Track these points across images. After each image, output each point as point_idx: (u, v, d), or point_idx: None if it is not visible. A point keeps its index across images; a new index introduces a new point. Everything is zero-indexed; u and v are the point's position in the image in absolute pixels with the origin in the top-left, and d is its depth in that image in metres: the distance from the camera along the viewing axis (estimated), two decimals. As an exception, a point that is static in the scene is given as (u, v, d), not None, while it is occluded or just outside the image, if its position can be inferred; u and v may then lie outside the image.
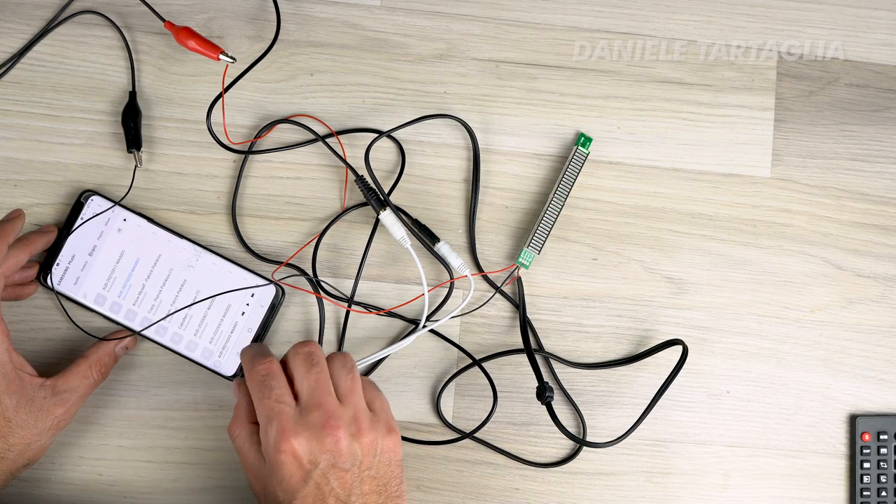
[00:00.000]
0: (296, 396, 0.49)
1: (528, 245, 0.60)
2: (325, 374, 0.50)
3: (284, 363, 0.51)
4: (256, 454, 0.49)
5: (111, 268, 0.59)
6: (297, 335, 0.61)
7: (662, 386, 0.59)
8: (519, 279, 0.61)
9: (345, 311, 0.61)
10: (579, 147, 0.61)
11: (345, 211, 0.61)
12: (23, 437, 0.53)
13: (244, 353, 0.52)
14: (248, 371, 0.50)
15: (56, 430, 0.55)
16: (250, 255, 0.60)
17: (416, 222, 0.61)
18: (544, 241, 0.60)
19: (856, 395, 0.63)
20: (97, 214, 0.59)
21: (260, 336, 0.59)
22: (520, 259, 0.61)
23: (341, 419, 0.48)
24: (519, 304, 0.61)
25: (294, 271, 0.60)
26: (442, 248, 0.60)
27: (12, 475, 0.54)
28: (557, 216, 0.60)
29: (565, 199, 0.61)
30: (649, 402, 0.59)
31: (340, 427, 0.48)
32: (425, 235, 0.60)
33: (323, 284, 0.60)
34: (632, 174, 0.63)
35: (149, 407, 0.60)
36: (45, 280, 0.59)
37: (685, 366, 0.59)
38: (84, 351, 0.57)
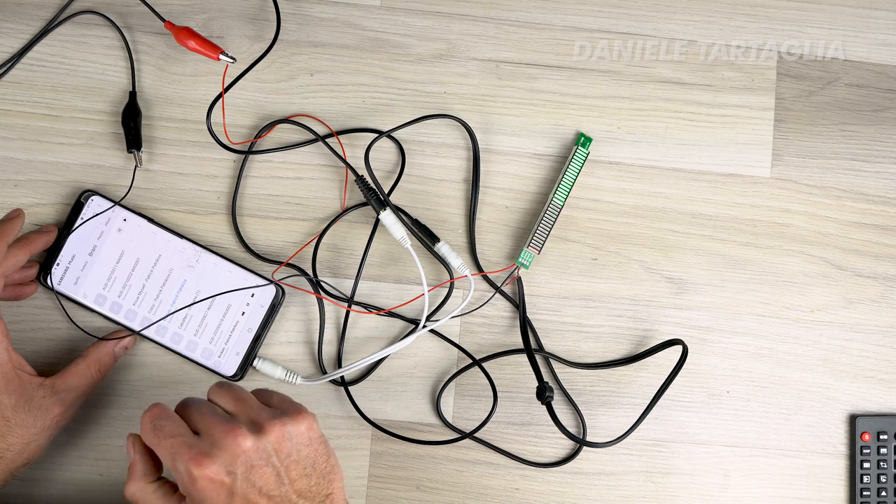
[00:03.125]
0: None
1: (528, 245, 0.60)
2: (207, 404, 0.49)
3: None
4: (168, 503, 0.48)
5: (111, 268, 0.59)
6: (298, 335, 0.61)
7: (662, 386, 0.59)
8: (519, 279, 0.61)
9: (345, 310, 0.61)
10: (579, 147, 0.61)
11: (345, 211, 0.61)
12: (21, 436, 0.53)
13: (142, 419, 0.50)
14: (142, 425, 0.48)
15: (55, 430, 0.55)
16: (250, 255, 0.60)
17: (416, 222, 0.61)
18: (544, 241, 0.60)
19: (856, 395, 0.63)
20: (97, 214, 0.59)
21: (260, 336, 0.59)
22: (520, 259, 0.61)
23: (239, 425, 0.47)
24: (519, 304, 0.61)
25: (294, 271, 0.60)
26: (442, 248, 0.60)
27: (11, 474, 0.54)
28: (557, 216, 0.60)
29: (565, 199, 0.61)
30: (649, 402, 0.59)
31: (240, 431, 0.46)
32: (425, 235, 0.60)
33: (323, 284, 0.60)
34: (632, 174, 0.63)
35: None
36: (46, 280, 0.59)
37: (685, 366, 0.59)
38: (83, 351, 0.57)
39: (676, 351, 0.60)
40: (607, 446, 0.59)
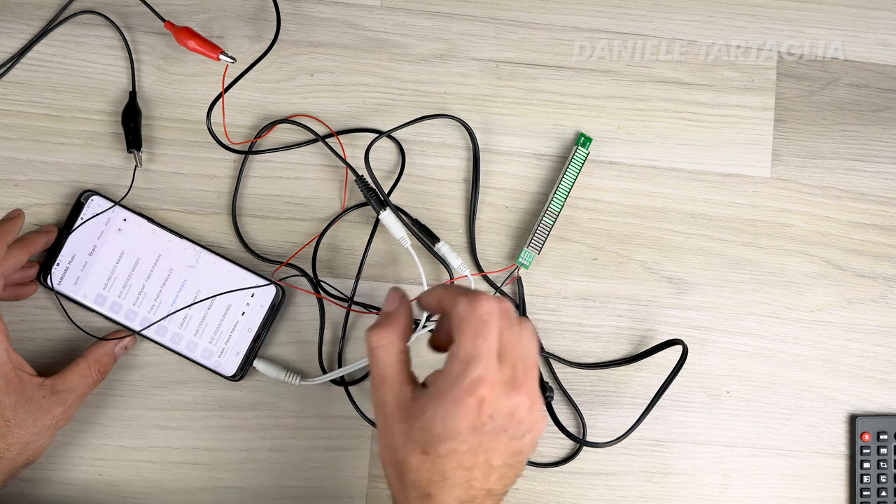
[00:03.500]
0: None
1: (528, 245, 0.60)
2: (518, 336, 0.47)
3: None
4: (399, 371, 0.46)
5: (111, 268, 0.59)
6: (298, 335, 0.61)
7: (662, 386, 0.59)
8: (519, 279, 0.61)
9: (345, 310, 0.61)
10: (579, 147, 0.61)
11: (345, 211, 0.61)
12: (21, 436, 0.53)
13: (446, 286, 0.48)
14: (470, 300, 0.45)
15: (55, 430, 0.55)
16: (250, 255, 0.60)
17: (416, 222, 0.61)
18: (544, 241, 0.60)
19: (856, 395, 0.63)
20: (97, 214, 0.59)
21: (260, 336, 0.59)
22: (520, 259, 0.61)
23: (527, 387, 0.46)
24: (519, 304, 0.61)
25: (294, 271, 0.60)
26: (442, 248, 0.60)
27: (11, 475, 0.54)
28: (557, 216, 0.60)
29: (565, 199, 0.61)
30: (649, 402, 0.59)
31: (525, 394, 0.45)
32: (425, 235, 0.60)
33: (323, 284, 0.60)
34: (632, 174, 0.63)
35: (149, 407, 0.60)
36: (46, 280, 0.59)
37: (685, 366, 0.59)
38: (83, 351, 0.57)
39: (676, 351, 0.60)
40: (607, 446, 0.59)
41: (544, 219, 0.60)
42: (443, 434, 0.44)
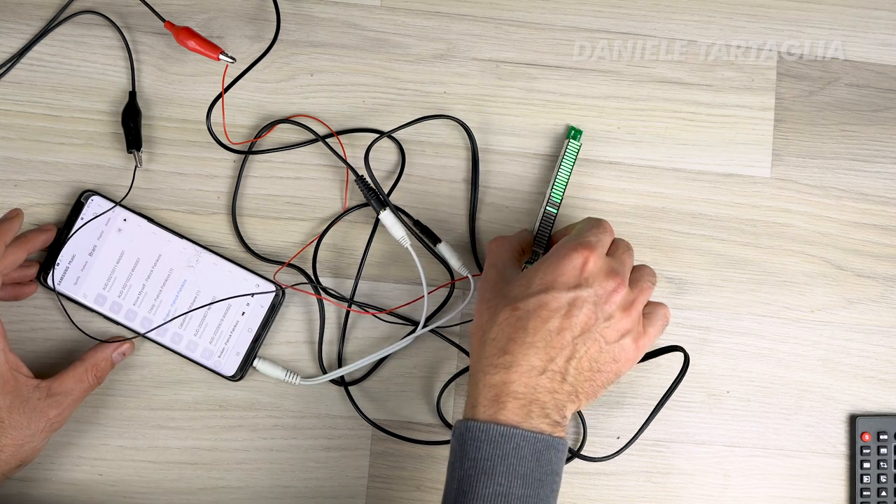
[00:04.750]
0: None
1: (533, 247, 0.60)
2: (629, 262, 0.52)
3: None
4: (509, 259, 0.53)
5: (111, 268, 0.59)
6: (298, 335, 0.61)
7: (664, 396, 0.58)
8: (519, 279, 0.61)
9: (345, 310, 0.61)
10: (571, 140, 0.61)
11: (345, 211, 0.61)
12: (15, 437, 0.53)
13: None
14: (595, 219, 0.53)
15: (49, 432, 0.55)
16: (250, 255, 0.60)
17: (416, 223, 0.61)
18: (546, 243, 0.60)
19: (856, 395, 0.63)
20: (98, 215, 0.59)
21: (260, 336, 0.59)
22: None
23: (626, 286, 0.50)
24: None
25: (294, 271, 0.60)
26: (442, 248, 0.60)
27: (4, 476, 0.54)
28: (557, 213, 0.60)
29: (562, 195, 0.60)
30: (651, 409, 0.59)
31: (624, 286, 0.50)
32: (426, 236, 0.60)
33: (323, 284, 0.60)
34: (632, 174, 0.63)
35: (149, 407, 0.60)
36: (46, 280, 0.59)
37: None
38: (82, 353, 0.57)
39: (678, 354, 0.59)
40: (603, 461, 0.59)
41: (544, 219, 0.60)
42: (539, 286, 0.47)
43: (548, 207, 0.60)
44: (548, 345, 0.47)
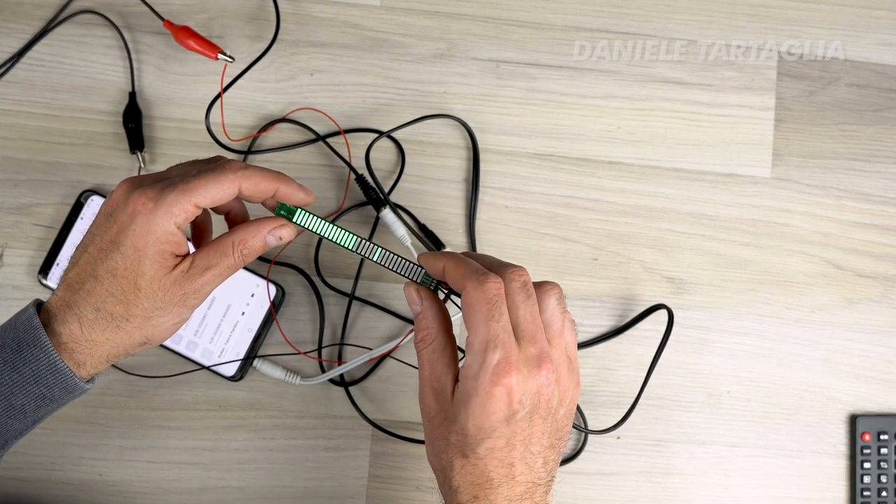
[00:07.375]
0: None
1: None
2: (537, 307, 0.45)
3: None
4: (446, 371, 0.45)
5: (111, 268, 0.59)
6: (298, 335, 0.61)
7: (655, 356, 0.59)
8: (519, 279, 0.61)
9: (344, 313, 0.60)
10: (291, 218, 0.48)
11: (345, 210, 0.61)
12: (145, 308, 0.46)
13: (452, 258, 0.46)
14: (477, 282, 0.43)
15: (181, 307, 0.47)
16: (250, 255, 0.60)
17: (422, 227, 0.61)
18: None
19: (856, 395, 0.63)
20: (97, 214, 0.59)
21: (260, 336, 0.59)
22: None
23: (551, 361, 0.44)
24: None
25: (294, 272, 0.60)
26: (443, 249, 0.60)
27: (126, 352, 0.47)
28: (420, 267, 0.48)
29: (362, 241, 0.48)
30: (645, 374, 0.59)
31: (550, 369, 0.43)
32: (432, 242, 0.60)
33: (323, 284, 0.60)
34: (632, 174, 0.63)
35: (149, 407, 0.60)
36: (45, 280, 0.59)
37: (686, 366, 0.59)
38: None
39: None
40: (609, 431, 0.59)
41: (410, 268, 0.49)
42: (478, 435, 0.43)
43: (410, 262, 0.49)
44: (512, 480, 0.44)
